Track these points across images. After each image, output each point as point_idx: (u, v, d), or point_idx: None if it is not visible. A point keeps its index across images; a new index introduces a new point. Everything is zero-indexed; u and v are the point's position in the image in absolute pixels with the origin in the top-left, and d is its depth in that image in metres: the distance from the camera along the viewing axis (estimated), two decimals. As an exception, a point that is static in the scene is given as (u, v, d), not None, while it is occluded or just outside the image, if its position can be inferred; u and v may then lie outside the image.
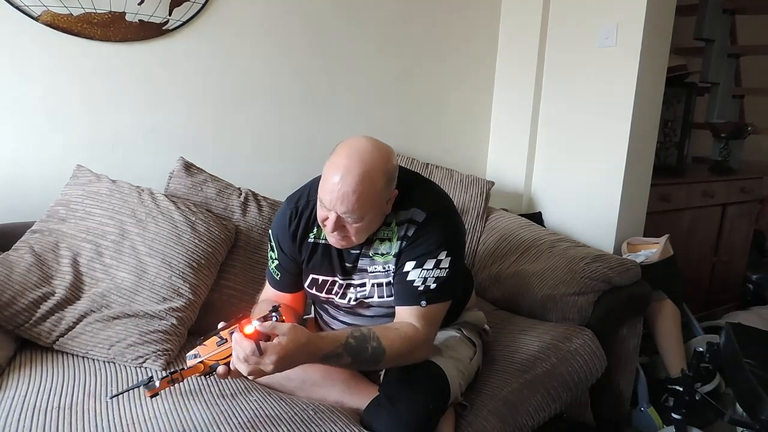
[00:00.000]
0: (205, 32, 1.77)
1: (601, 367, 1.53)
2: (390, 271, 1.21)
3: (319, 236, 1.25)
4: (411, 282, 1.17)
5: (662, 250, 2.01)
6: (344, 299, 1.26)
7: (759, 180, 2.86)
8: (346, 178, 1.07)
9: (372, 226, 1.17)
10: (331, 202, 1.09)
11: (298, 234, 1.25)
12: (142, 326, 1.32)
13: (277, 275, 1.31)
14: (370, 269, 1.23)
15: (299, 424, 1.08)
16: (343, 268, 1.25)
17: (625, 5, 1.99)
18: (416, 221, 1.18)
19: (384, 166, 1.12)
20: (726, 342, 1.59)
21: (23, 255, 1.36)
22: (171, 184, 1.63)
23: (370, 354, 1.09)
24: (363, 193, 1.08)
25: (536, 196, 2.40)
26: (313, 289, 1.30)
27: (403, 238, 1.19)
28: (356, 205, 1.09)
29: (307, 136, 2.03)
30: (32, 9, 1.50)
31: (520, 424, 1.28)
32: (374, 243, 1.21)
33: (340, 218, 1.11)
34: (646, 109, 2.07)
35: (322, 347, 1.05)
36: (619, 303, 1.69)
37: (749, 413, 1.37)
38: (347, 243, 1.17)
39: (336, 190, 1.08)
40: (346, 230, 1.14)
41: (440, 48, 2.28)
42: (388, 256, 1.21)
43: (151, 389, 0.93)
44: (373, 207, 1.12)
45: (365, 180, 1.08)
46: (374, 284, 1.23)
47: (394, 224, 1.20)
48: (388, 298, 1.23)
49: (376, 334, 1.11)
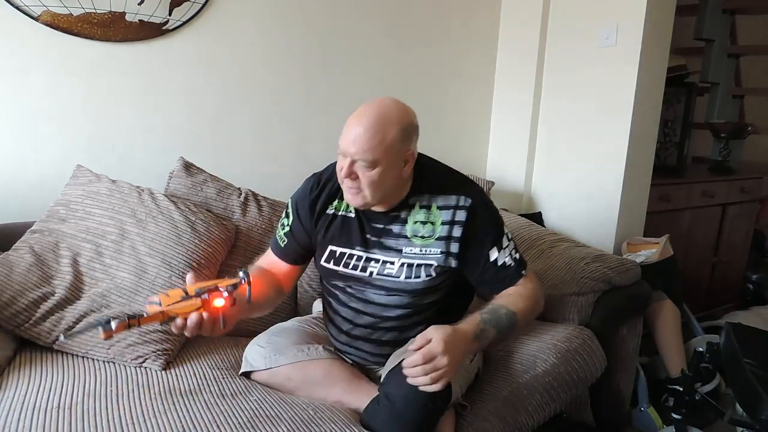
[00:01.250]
0: (205, 32, 1.77)
1: (601, 367, 1.53)
2: (429, 255, 1.23)
3: (340, 208, 1.28)
4: (504, 265, 1.24)
5: (662, 250, 2.01)
6: (365, 272, 1.26)
7: (759, 180, 2.86)
8: (361, 120, 1.14)
9: (385, 182, 1.17)
10: (345, 145, 1.15)
11: (318, 203, 1.29)
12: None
13: (282, 242, 1.32)
14: (405, 250, 1.24)
15: (299, 424, 1.08)
16: (363, 239, 1.26)
17: (625, 5, 1.99)
18: (465, 206, 1.23)
19: (400, 118, 1.17)
20: (726, 342, 1.59)
21: (23, 255, 1.36)
22: (171, 184, 1.63)
23: (506, 320, 1.17)
24: (375, 135, 1.13)
25: (536, 196, 2.40)
26: (330, 262, 1.29)
27: (453, 222, 1.22)
28: (368, 145, 1.12)
29: (307, 135, 2.03)
30: (32, 9, 1.50)
31: (520, 423, 1.28)
32: (411, 224, 1.24)
33: (353, 164, 1.15)
34: (646, 109, 2.07)
35: (468, 329, 1.11)
36: (619, 303, 1.69)
37: (749, 413, 1.37)
38: (361, 199, 1.18)
39: (350, 133, 1.14)
40: (359, 181, 1.16)
41: (440, 49, 2.28)
42: (429, 239, 1.23)
43: (107, 331, 0.89)
44: (386, 155, 1.14)
45: (378, 123, 1.13)
46: (404, 264, 1.24)
47: (435, 208, 1.24)
48: (411, 280, 1.24)
49: (500, 303, 1.20)
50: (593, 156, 2.16)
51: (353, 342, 1.31)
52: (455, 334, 1.08)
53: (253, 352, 1.30)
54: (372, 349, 1.31)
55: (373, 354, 1.31)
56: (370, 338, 1.30)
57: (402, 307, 1.26)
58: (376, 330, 1.29)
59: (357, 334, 1.30)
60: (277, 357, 1.26)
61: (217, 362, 1.34)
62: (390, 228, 1.26)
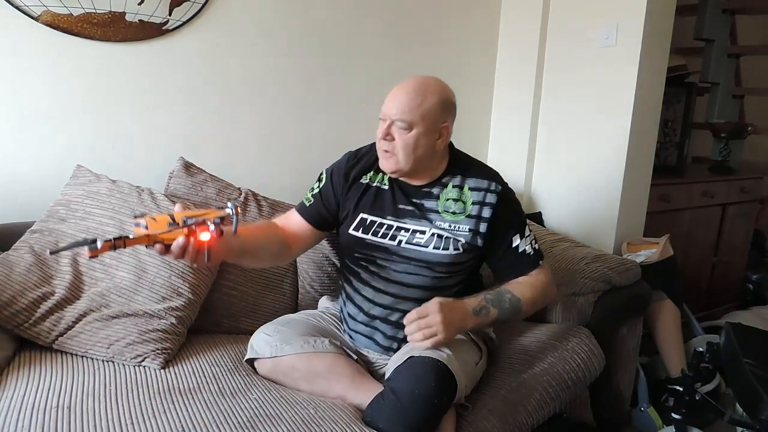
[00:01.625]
0: (205, 32, 1.77)
1: (600, 366, 1.53)
2: (458, 231, 1.30)
3: (375, 180, 1.37)
4: (524, 252, 1.34)
5: (662, 250, 2.01)
6: (393, 241, 1.31)
7: (759, 180, 2.86)
8: (403, 86, 1.27)
9: (418, 148, 1.25)
10: (386, 108, 1.27)
11: (352, 173, 1.37)
12: (141, 325, 1.32)
13: (308, 202, 1.39)
14: (436, 221, 1.32)
15: (299, 423, 1.08)
16: (395, 209, 1.33)
17: (625, 5, 1.99)
18: (496, 191, 1.32)
19: (440, 91, 1.29)
20: (726, 342, 1.59)
21: (23, 255, 1.36)
22: (171, 184, 1.63)
23: (509, 304, 1.26)
24: (415, 98, 1.24)
25: (536, 196, 2.39)
26: (359, 230, 1.34)
27: (483, 204, 1.31)
28: (407, 107, 1.23)
29: (307, 135, 2.03)
30: (32, 9, 1.50)
31: (519, 422, 1.28)
32: (443, 200, 1.32)
33: (391, 125, 1.25)
34: (646, 109, 2.07)
35: (468, 303, 1.22)
36: (619, 303, 1.69)
37: (749, 413, 1.37)
38: (394, 164, 1.27)
39: (392, 96, 1.27)
40: (394, 144, 1.25)
41: (440, 48, 2.28)
42: (460, 216, 1.31)
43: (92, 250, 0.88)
44: (422, 119, 1.24)
45: (419, 89, 1.25)
46: (435, 234, 1.30)
47: (467, 188, 1.33)
48: (439, 251, 1.29)
49: (506, 288, 1.30)
50: (593, 156, 2.16)
51: (371, 322, 1.34)
52: (454, 302, 1.20)
53: (259, 340, 1.31)
54: (387, 330, 1.33)
55: (386, 336, 1.34)
56: (388, 319, 1.33)
57: (422, 288, 1.31)
58: (395, 311, 1.32)
59: (375, 314, 1.33)
60: (283, 346, 1.27)
61: (217, 359, 1.34)
62: (422, 202, 1.34)
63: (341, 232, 1.39)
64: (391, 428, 1.08)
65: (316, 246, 1.66)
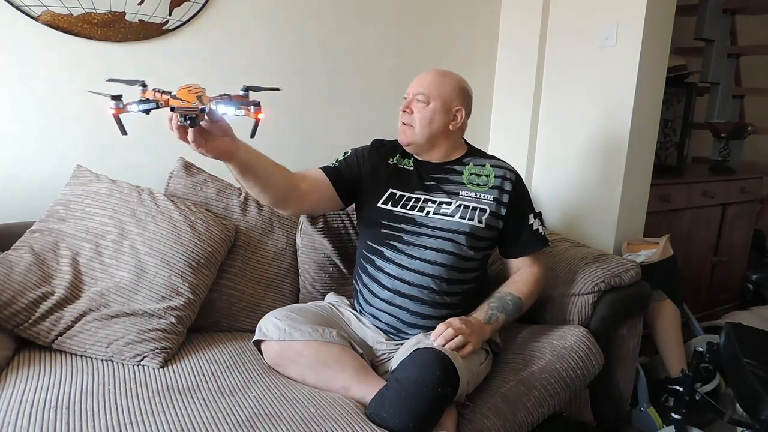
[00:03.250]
0: (205, 32, 1.77)
1: (598, 364, 1.53)
2: (483, 200, 1.43)
3: (400, 162, 1.51)
4: (537, 231, 1.49)
5: (662, 251, 2.01)
6: (422, 212, 1.42)
7: (759, 180, 2.86)
8: (429, 69, 1.47)
9: (433, 123, 1.42)
10: (410, 86, 1.45)
11: (380, 153, 1.52)
12: (140, 324, 1.32)
13: (333, 164, 1.49)
14: (462, 193, 1.44)
15: (299, 422, 1.08)
16: (423, 185, 1.47)
17: (625, 5, 1.99)
18: (513, 173, 1.49)
19: (459, 80, 1.48)
20: (726, 342, 1.59)
21: (23, 255, 1.36)
22: (171, 184, 1.63)
23: (512, 305, 1.39)
24: (436, 79, 1.44)
25: (536, 196, 2.39)
26: (389, 204, 1.44)
27: (505, 180, 1.46)
28: (427, 83, 1.43)
29: (308, 135, 2.03)
30: (32, 9, 1.50)
31: (519, 420, 1.28)
32: (467, 174, 1.46)
33: (411, 100, 1.43)
34: (646, 109, 2.07)
35: (478, 315, 1.34)
36: (619, 303, 1.69)
37: (749, 413, 1.37)
38: (410, 135, 1.43)
39: (418, 77, 1.46)
40: (413, 117, 1.42)
41: (440, 49, 2.28)
42: (484, 187, 1.45)
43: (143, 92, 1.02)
44: (440, 97, 1.42)
45: (441, 73, 1.46)
46: (461, 205, 1.42)
47: (489, 166, 1.48)
48: (465, 221, 1.40)
49: (506, 290, 1.43)
50: (593, 156, 2.16)
51: (394, 299, 1.39)
52: (468, 318, 1.31)
53: (269, 323, 1.32)
54: (412, 307, 1.39)
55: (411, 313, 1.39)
56: (412, 295, 1.38)
57: (444, 266, 1.38)
58: (419, 287, 1.38)
59: (400, 289, 1.38)
60: (292, 332, 1.28)
61: (216, 358, 1.34)
62: (446, 177, 1.47)
63: (368, 208, 1.46)
64: (396, 415, 1.09)
65: (318, 247, 1.66)
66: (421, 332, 1.37)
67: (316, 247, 1.67)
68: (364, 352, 1.35)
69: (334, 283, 1.68)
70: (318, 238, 1.66)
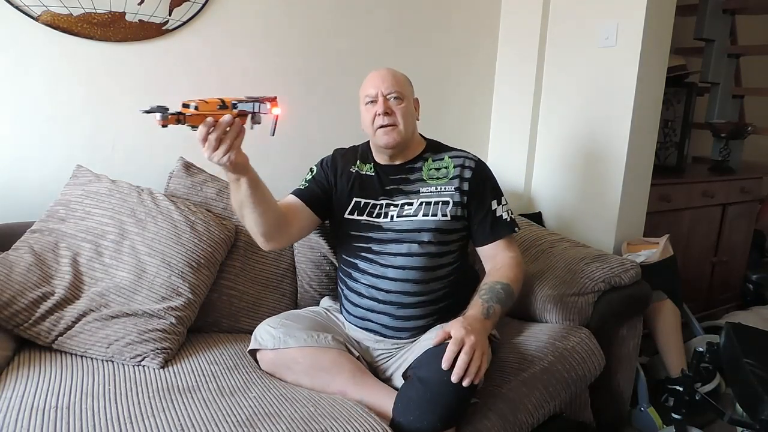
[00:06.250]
0: (205, 32, 1.77)
1: (600, 365, 1.53)
2: (444, 192, 1.41)
3: (362, 169, 1.49)
4: (500, 217, 1.43)
5: (662, 250, 2.01)
6: (386, 218, 1.41)
7: (759, 180, 2.86)
8: (379, 70, 1.43)
9: (410, 116, 1.42)
10: (375, 86, 1.40)
11: (342, 160, 1.51)
12: (140, 325, 1.32)
13: (304, 186, 1.48)
14: (422, 190, 1.43)
15: (299, 421, 1.08)
16: (384, 190, 1.45)
17: (625, 5, 1.99)
18: (473, 160, 1.45)
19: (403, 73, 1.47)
20: (726, 342, 1.59)
21: (23, 255, 1.36)
22: (171, 184, 1.63)
23: (504, 293, 1.31)
24: (396, 75, 1.43)
25: (536, 196, 2.39)
26: (354, 213, 1.43)
27: (464, 168, 1.43)
28: (395, 80, 1.41)
29: (307, 136, 2.02)
30: (32, 9, 1.50)
31: (519, 421, 1.28)
32: (426, 170, 1.45)
33: (386, 100, 1.38)
34: (646, 109, 2.07)
35: (475, 312, 1.26)
36: (619, 303, 1.69)
37: (749, 413, 1.37)
38: (397, 134, 1.39)
39: (375, 76, 1.42)
40: (395, 116, 1.38)
41: (440, 49, 2.28)
42: (443, 180, 1.43)
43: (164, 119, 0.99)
44: (406, 91, 1.43)
45: (391, 70, 1.44)
46: (422, 202, 1.41)
47: (447, 158, 1.46)
48: (429, 217, 1.38)
49: (493, 279, 1.35)
50: (593, 156, 2.16)
51: (375, 306, 1.38)
52: (467, 318, 1.22)
53: (263, 332, 1.33)
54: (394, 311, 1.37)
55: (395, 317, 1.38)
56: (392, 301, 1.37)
57: (417, 269, 1.36)
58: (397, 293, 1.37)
59: (380, 298, 1.37)
60: (287, 339, 1.29)
61: (216, 358, 1.34)
62: (407, 177, 1.45)
63: (338, 221, 1.45)
64: (423, 418, 1.09)
65: (314, 246, 1.66)
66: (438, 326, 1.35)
67: (312, 246, 1.67)
68: (361, 355, 1.35)
69: (330, 282, 1.68)
70: (314, 237, 1.66)
